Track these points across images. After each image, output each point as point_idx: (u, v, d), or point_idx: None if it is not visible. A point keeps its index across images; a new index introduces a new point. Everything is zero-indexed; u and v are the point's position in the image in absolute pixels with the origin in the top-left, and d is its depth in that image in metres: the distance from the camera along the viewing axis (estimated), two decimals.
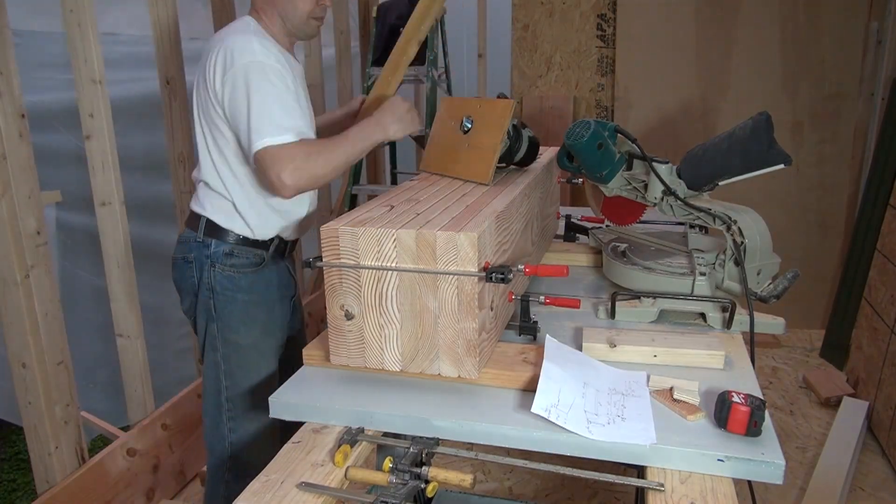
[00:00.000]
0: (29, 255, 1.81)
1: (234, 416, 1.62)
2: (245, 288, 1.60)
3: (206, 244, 1.59)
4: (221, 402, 1.62)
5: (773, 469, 1.00)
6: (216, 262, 1.59)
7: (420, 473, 1.05)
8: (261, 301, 1.63)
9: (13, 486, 2.61)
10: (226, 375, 1.61)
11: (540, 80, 3.99)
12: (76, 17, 1.94)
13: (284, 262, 1.71)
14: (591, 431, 1.07)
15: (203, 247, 1.59)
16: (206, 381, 1.64)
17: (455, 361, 1.21)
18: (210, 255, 1.59)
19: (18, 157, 1.76)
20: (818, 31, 3.48)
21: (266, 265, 1.64)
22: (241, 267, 1.60)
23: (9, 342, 1.85)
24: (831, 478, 2.39)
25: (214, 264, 1.59)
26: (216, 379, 1.62)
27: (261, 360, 1.64)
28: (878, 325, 2.86)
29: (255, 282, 1.62)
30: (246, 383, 1.62)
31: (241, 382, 1.61)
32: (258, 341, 1.63)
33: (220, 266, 1.59)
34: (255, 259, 1.62)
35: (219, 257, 1.59)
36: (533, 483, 2.48)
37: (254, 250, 1.62)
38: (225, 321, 1.60)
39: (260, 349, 1.63)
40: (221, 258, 1.59)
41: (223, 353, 1.61)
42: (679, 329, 1.45)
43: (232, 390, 1.61)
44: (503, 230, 1.34)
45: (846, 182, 3.59)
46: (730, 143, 1.47)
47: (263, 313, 1.64)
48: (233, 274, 1.59)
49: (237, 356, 1.61)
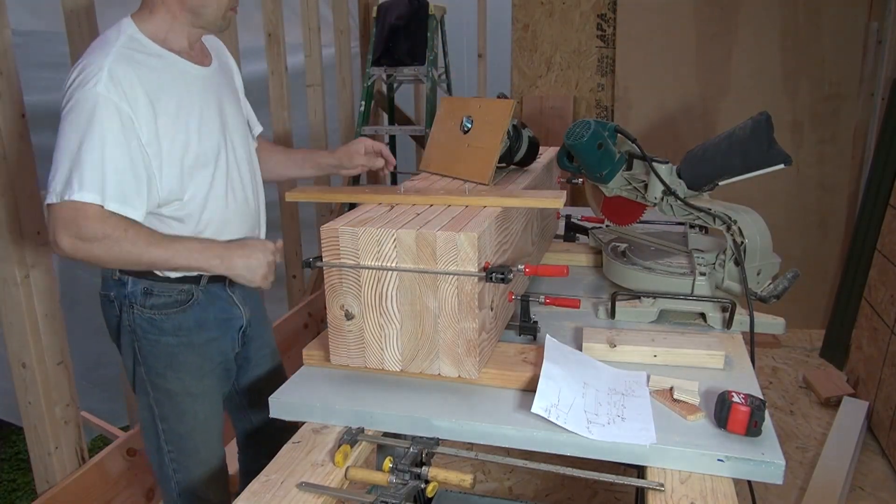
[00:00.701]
0: (29, 256, 1.81)
1: (176, 458, 1.50)
2: (169, 331, 1.42)
3: (123, 282, 1.40)
4: (161, 445, 1.49)
5: (773, 469, 1.00)
6: (134, 302, 1.40)
7: (420, 473, 1.05)
8: (190, 343, 1.44)
9: (13, 486, 2.61)
10: (161, 420, 1.47)
11: (540, 80, 3.99)
12: (76, 18, 1.94)
13: (227, 292, 1.51)
14: (591, 431, 1.07)
15: (120, 285, 1.41)
16: (143, 423, 1.51)
17: (455, 361, 1.21)
18: (128, 295, 1.40)
19: (19, 157, 1.76)
20: (818, 30, 3.48)
21: (196, 302, 1.44)
22: (162, 308, 1.41)
23: (9, 342, 1.85)
24: (831, 478, 2.39)
25: (133, 305, 1.40)
26: (152, 422, 1.48)
27: (195, 404, 1.48)
28: (878, 325, 2.86)
29: (182, 323, 1.43)
30: (183, 428, 1.48)
31: (177, 427, 1.48)
32: (190, 386, 1.46)
33: (138, 307, 1.40)
34: (181, 297, 1.42)
35: (136, 297, 1.40)
36: (533, 483, 2.48)
37: (178, 286, 1.41)
38: (150, 365, 1.44)
39: (193, 394, 1.47)
40: (140, 298, 1.40)
41: (154, 398, 1.46)
42: (679, 329, 1.45)
43: (170, 434, 1.48)
44: (503, 230, 1.34)
45: (846, 182, 3.59)
46: (730, 143, 1.47)
47: (194, 356, 1.46)
48: (153, 316, 1.41)
49: (169, 402, 1.46)
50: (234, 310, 1.54)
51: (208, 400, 1.51)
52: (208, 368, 1.50)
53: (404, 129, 3.95)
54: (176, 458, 1.50)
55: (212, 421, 1.53)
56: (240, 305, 1.55)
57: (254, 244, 1.40)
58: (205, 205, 1.41)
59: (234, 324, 1.55)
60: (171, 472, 1.51)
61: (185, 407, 1.48)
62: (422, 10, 3.53)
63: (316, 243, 1.25)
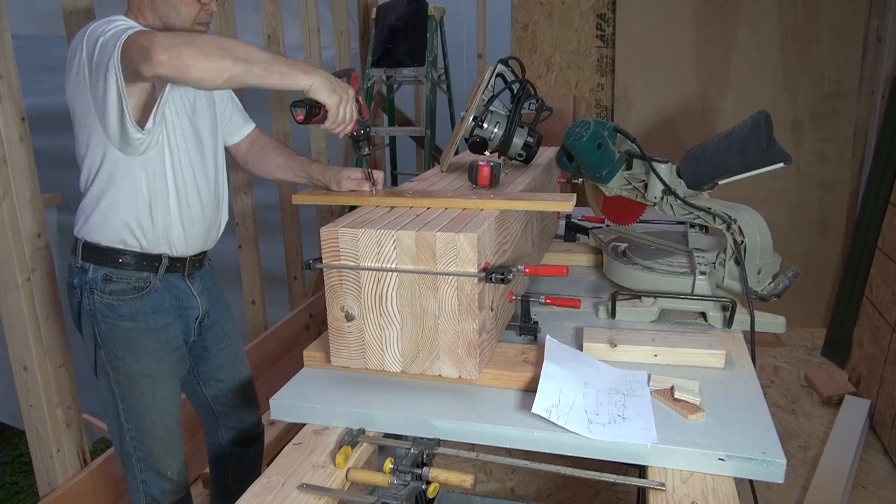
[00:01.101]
0: (30, 258, 1.81)
1: (135, 436, 1.58)
2: (127, 315, 1.50)
3: (85, 269, 1.50)
4: (122, 424, 1.57)
5: (775, 468, 1.00)
6: (95, 288, 1.49)
7: (421, 474, 1.05)
8: (147, 328, 1.52)
9: (15, 489, 2.62)
10: (121, 399, 1.55)
11: (540, 80, 3.99)
12: (76, 20, 1.94)
13: (185, 283, 1.59)
14: (592, 431, 1.07)
15: (82, 272, 1.50)
16: (104, 403, 1.59)
17: (456, 362, 1.21)
18: (88, 281, 1.49)
19: (19, 160, 1.77)
20: (818, 29, 3.48)
21: (153, 289, 1.52)
22: (120, 294, 1.49)
23: (10, 345, 1.85)
24: (833, 476, 2.39)
25: (93, 291, 1.49)
26: (113, 402, 1.56)
27: (153, 385, 1.56)
28: (880, 324, 2.86)
29: (139, 308, 1.51)
30: (142, 408, 1.56)
31: (136, 407, 1.56)
32: (148, 368, 1.54)
33: (98, 293, 1.49)
34: (138, 283, 1.50)
35: (97, 283, 1.48)
36: (535, 483, 2.48)
37: (136, 273, 1.50)
38: (110, 348, 1.52)
39: (151, 375, 1.55)
40: (100, 284, 1.48)
41: (115, 379, 1.54)
42: (679, 328, 1.45)
43: (129, 413, 1.56)
44: (503, 231, 1.34)
45: (847, 180, 3.59)
46: (729, 142, 1.47)
47: (151, 340, 1.53)
48: (112, 301, 1.49)
49: (128, 382, 1.54)
50: (191, 300, 1.62)
51: (165, 381, 1.59)
52: (164, 352, 1.57)
53: (404, 130, 3.95)
54: (136, 435, 1.58)
55: (169, 401, 1.61)
56: (197, 297, 1.63)
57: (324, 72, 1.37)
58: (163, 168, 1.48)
59: (191, 313, 1.63)
60: (132, 449, 1.59)
61: (143, 388, 1.55)
62: (421, 11, 3.53)
63: (316, 245, 1.25)
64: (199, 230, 1.58)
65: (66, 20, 1.93)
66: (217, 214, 1.64)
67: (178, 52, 1.18)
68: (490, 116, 1.68)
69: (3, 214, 1.74)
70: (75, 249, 1.52)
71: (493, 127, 1.69)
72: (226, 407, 1.79)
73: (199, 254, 1.63)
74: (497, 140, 1.71)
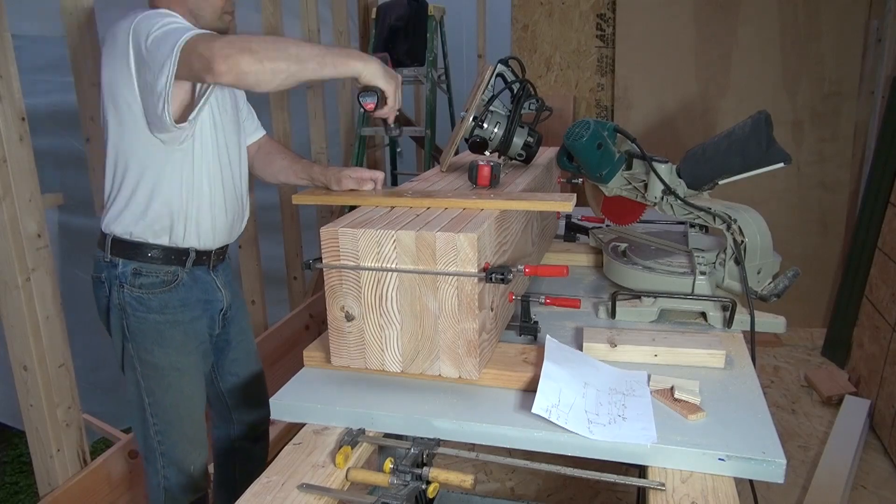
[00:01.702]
0: (30, 258, 1.81)
1: (160, 430, 1.59)
2: (156, 308, 1.53)
3: (114, 264, 1.52)
4: (147, 418, 1.58)
5: (775, 468, 1.00)
6: (124, 282, 1.51)
7: (421, 474, 1.05)
8: (176, 321, 1.55)
9: (15, 489, 2.62)
10: (147, 393, 1.57)
11: (540, 80, 3.99)
12: (76, 20, 1.94)
13: (210, 276, 1.63)
14: (592, 431, 1.07)
15: (111, 266, 1.53)
16: (130, 397, 1.60)
17: (455, 362, 1.21)
18: (118, 276, 1.52)
19: (19, 160, 1.77)
20: (818, 29, 3.48)
21: (181, 283, 1.56)
22: (150, 287, 1.52)
23: (10, 345, 1.85)
24: (833, 476, 2.39)
25: (123, 285, 1.51)
26: (139, 396, 1.58)
27: (181, 378, 1.58)
28: (880, 324, 2.86)
29: (168, 301, 1.54)
30: (168, 401, 1.58)
31: (163, 401, 1.58)
32: (176, 361, 1.57)
33: (128, 287, 1.51)
34: (167, 277, 1.54)
35: (126, 277, 1.51)
36: (535, 483, 2.48)
37: (165, 267, 1.53)
38: (139, 342, 1.54)
39: (179, 368, 1.58)
40: (129, 278, 1.51)
41: (142, 373, 1.56)
42: (680, 328, 1.45)
43: (155, 407, 1.58)
44: (503, 230, 1.34)
45: (847, 180, 3.59)
46: (729, 142, 1.47)
47: (179, 333, 1.56)
48: (142, 294, 1.52)
49: (156, 375, 1.56)
50: (216, 293, 1.66)
51: (192, 375, 1.61)
52: (192, 346, 1.60)
53: (404, 130, 3.95)
54: (161, 429, 1.59)
55: (195, 396, 1.62)
56: (221, 289, 1.67)
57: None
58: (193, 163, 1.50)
59: (216, 306, 1.67)
60: (156, 443, 1.60)
61: (170, 381, 1.57)
62: (421, 11, 3.53)
63: (316, 245, 1.25)
64: (225, 222, 1.61)
65: (65, 20, 1.93)
66: (241, 207, 1.68)
67: (237, 61, 1.23)
68: (490, 116, 1.68)
69: (3, 214, 1.74)
70: (103, 244, 1.54)
71: (493, 127, 1.69)
72: (238, 401, 1.82)
73: (223, 246, 1.66)
74: (497, 140, 1.71)
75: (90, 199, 2.17)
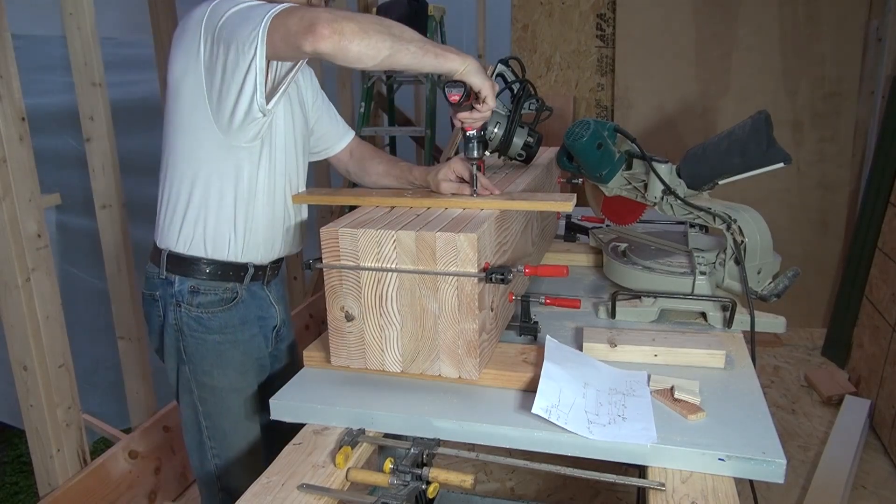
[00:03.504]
0: (30, 258, 1.81)
1: (218, 454, 1.53)
2: (216, 329, 1.44)
3: (170, 281, 1.42)
4: (204, 441, 1.51)
5: (775, 468, 1.00)
6: (181, 301, 1.42)
7: (421, 474, 1.05)
8: (235, 340, 1.47)
9: (15, 490, 2.62)
10: (205, 417, 1.50)
11: (540, 80, 3.99)
12: (76, 20, 1.94)
13: (265, 292, 1.54)
14: (592, 431, 1.07)
15: (167, 284, 1.43)
16: (185, 420, 1.53)
17: (455, 362, 1.21)
18: (175, 294, 1.42)
19: (19, 160, 1.77)
20: (818, 29, 3.48)
21: (240, 300, 1.47)
22: (209, 306, 1.43)
23: (10, 345, 1.85)
24: (833, 476, 2.39)
25: (180, 304, 1.42)
26: (195, 420, 1.51)
27: (240, 399, 1.51)
28: (880, 324, 2.86)
29: (228, 321, 1.46)
30: (226, 423, 1.51)
31: (220, 423, 1.50)
32: (235, 382, 1.49)
33: (185, 306, 1.42)
34: (226, 294, 1.45)
35: (184, 296, 1.42)
36: (535, 483, 2.48)
37: (223, 284, 1.44)
38: (197, 363, 1.46)
39: (238, 389, 1.50)
40: (187, 297, 1.42)
41: (199, 396, 1.48)
42: (680, 328, 1.45)
43: (213, 430, 1.51)
44: (503, 231, 1.34)
45: (847, 180, 3.59)
46: (729, 142, 1.47)
47: (239, 353, 1.48)
48: (200, 314, 1.43)
49: (214, 398, 1.48)
50: (271, 309, 1.58)
51: (250, 395, 1.53)
52: (250, 365, 1.52)
53: (404, 131, 3.95)
54: (218, 453, 1.52)
55: (253, 416, 1.55)
56: (275, 305, 1.58)
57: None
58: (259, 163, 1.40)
59: (270, 322, 1.58)
60: (214, 467, 1.52)
61: (230, 403, 1.49)
62: (421, 11, 3.53)
63: (316, 245, 1.25)
64: (282, 235, 1.51)
65: (66, 21, 1.93)
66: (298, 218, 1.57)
67: (341, 26, 1.13)
68: (490, 116, 1.68)
69: (3, 214, 1.74)
70: (157, 260, 1.44)
71: (494, 127, 1.69)
72: None
73: (278, 260, 1.56)
74: (497, 140, 1.71)
75: (89, 198, 2.18)
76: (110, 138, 2.12)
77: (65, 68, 2.04)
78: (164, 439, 2.35)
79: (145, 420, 2.33)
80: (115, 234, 2.19)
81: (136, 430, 2.28)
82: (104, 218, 2.18)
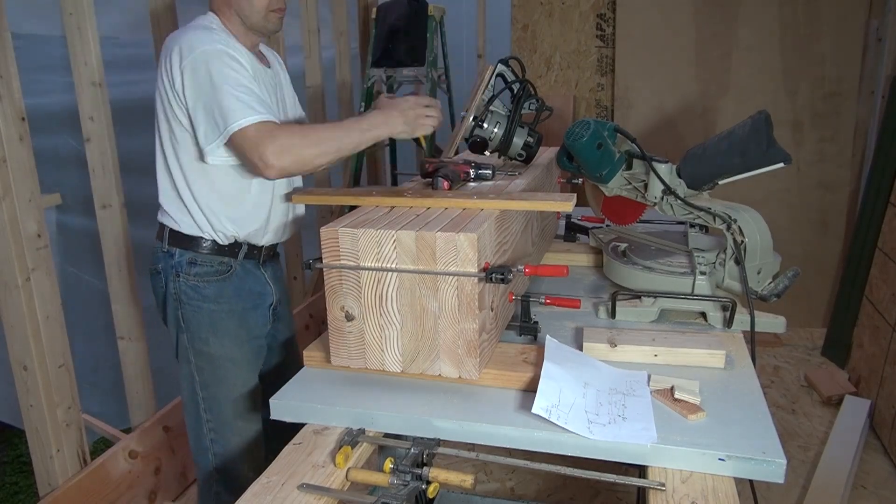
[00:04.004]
0: (30, 258, 1.81)
1: (214, 428, 1.58)
2: (211, 297, 1.56)
3: (171, 254, 1.56)
4: (200, 414, 1.58)
5: (775, 468, 1.00)
6: (180, 271, 1.55)
7: (421, 474, 1.05)
8: (230, 310, 1.58)
9: (15, 490, 2.62)
10: (201, 387, 1.57)
11: (539, 80, 3.99)
12: (76, 20, 1.94)
13: (260, 271, 1.65)
14: (592, 431, 1.07)
15: (168, 256, 1.56)
16: (184, 394, 1.61)
17: (456, 362, 1.21)
18: (174, 265, 1.55)
19: (19, 160, 1.77)
20: (818, 29, 3.48)
21: (234, 273, 1.58)
22: (205, 276, 1.55)
23: (10, 345, 1.85)
24: (833, 476, 2.39)
25: (179, 274, 1.55)
26: (193, 392, 1.59)
27: (235, 369, 1.59)
28: (880, 324, 2.86)
29: (223, 291, 1.57)
30: (223, 395, 1.58)
31: (217, 394, 1.58)
32: (230, 351, 1.58)
33: (184, 276, 1.55)
34: (221, 267, 1.57)
35: (182, 266, 1.55)
36: (535, 483, 2.48)
37: (219, 258, 1.57)
38: (193, 331, 1.56)
39: (233, 359, 1.59)
40: (185, 267, 1.55)
41: (196, 365, 1.57)
42: (680, 328, 1.45)
43: (209, 402, 1.58)
44: (503, 230, 1.34)
45: (847, 180, 3.59)
46: (729, 142, 1.47)
47: (234, 323, 1.58)
48: (197, 283, 1.55)
49: (210, 367, 1.57)
50: (267, 286, 1.68)
51: (247, 368, 1.61)
52: (245, 338, 1.61)
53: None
54: (214, 427, 1.59)
55: (250, 391, 1.61)
56: (270, 283, 1.68)
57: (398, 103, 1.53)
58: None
59: (266, 299, 1.68)
60: (209, 442, 1.59)
61: (225, 372, 1.58)
62: (421, 11, 3.53)
63: (316, 245, 1.25)
64: (279, 222, 1.64)
65: (66, 20, 1.93)
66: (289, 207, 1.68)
67: (283, 164, 1.36)
68: (490, 116, 1.68)
69: (3, 214, 1.74)
70: (161, 235, 1.58)
71: (494, 127, 1.69)
72: None
73: (274, 244, 1.68)
74: (497, 140, 1.71)
75: (89, 198, 2.17)
76: (110, 138, 2.12)
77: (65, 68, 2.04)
78: (164, 439, 2.35)
79: (145, 420, 2.33)
80: (115, 234, 2.19)
81: (136, 430, 2.28)
82: (104, 218, 2.18)
